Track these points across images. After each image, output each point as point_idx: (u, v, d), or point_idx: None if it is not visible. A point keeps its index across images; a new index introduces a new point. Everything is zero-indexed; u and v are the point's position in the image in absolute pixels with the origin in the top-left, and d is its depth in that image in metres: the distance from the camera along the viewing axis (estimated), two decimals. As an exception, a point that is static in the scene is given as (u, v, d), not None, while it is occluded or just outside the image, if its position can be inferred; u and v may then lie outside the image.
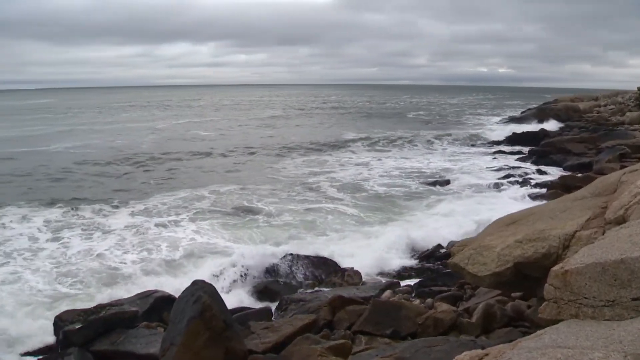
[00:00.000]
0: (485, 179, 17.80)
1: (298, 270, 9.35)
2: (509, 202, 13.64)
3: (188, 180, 18.77)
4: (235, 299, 8.34)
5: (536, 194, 14.51)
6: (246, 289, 8.82)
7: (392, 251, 10.35)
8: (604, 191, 5.30)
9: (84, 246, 10.96)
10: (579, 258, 3.03)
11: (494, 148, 26.76)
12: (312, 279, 9.22)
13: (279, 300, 8.05)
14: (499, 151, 25.21)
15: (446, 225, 11.82)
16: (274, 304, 8.02)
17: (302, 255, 9.70)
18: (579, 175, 15.77)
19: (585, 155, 20.56)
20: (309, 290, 8.62)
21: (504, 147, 26.53)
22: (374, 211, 14.03)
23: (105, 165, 22.19)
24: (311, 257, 9.70)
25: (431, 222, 12.35)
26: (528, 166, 20.25)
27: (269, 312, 7.69)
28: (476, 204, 14.15)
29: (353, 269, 9.34)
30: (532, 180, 16.95)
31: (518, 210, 6.40)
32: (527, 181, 16.80)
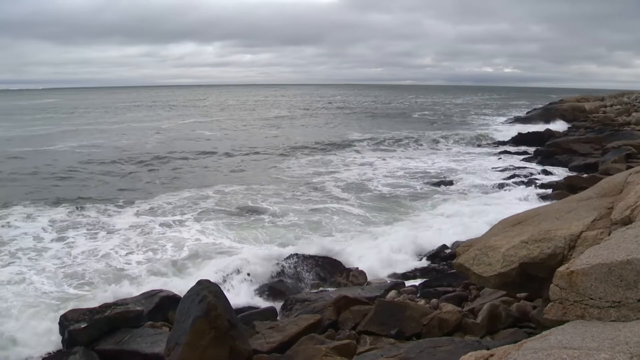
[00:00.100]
0: (491, 180, 17.77)
1: (303, 270, 9.33)
2: (514, 203, 13.61)
3: (193, 180, 18.80)
4: (241, 298, 8.33)
5: (542, 194, 14.44)
6: (251, 288, 8.81)
7: (397, 251, 10.32)
8: (609, 192, 5.28)
9: (89, 246, 10.98)
10: (584, 259, 3.03)
11: (500, 148, 26.69)
12: (317, 279, 9.22)
13: (284, 300, 8.05)
14: (505, 151, 25.12)
15: (451, 225, 11.81)
16: (279, 304, 8.01)
17: (308, 255, 9.68)
18: (584, 175, 15.74)
19: (591, 155, 20.50)
20: (314, 290, 8.61)
21: (509, 148, 26.44)
22: (379, 211, 14.01)
23: (110, 164, 22.27)
24: (316, 257, 9.68)
25: (436, 223, 12.33)
26: (533, 166, 20.18)
27: (274, 311, 7.70)
28: (481, 204, 14.13)
29: (358, 269, 9.35)
30: (537, 180, 16.89)
31: (523, 210, 6.36)
32: (532, 181, 16.73)
